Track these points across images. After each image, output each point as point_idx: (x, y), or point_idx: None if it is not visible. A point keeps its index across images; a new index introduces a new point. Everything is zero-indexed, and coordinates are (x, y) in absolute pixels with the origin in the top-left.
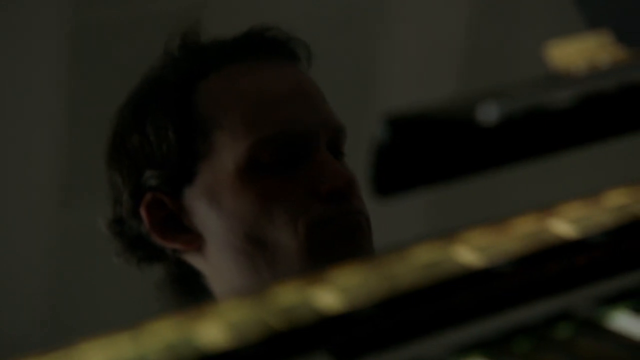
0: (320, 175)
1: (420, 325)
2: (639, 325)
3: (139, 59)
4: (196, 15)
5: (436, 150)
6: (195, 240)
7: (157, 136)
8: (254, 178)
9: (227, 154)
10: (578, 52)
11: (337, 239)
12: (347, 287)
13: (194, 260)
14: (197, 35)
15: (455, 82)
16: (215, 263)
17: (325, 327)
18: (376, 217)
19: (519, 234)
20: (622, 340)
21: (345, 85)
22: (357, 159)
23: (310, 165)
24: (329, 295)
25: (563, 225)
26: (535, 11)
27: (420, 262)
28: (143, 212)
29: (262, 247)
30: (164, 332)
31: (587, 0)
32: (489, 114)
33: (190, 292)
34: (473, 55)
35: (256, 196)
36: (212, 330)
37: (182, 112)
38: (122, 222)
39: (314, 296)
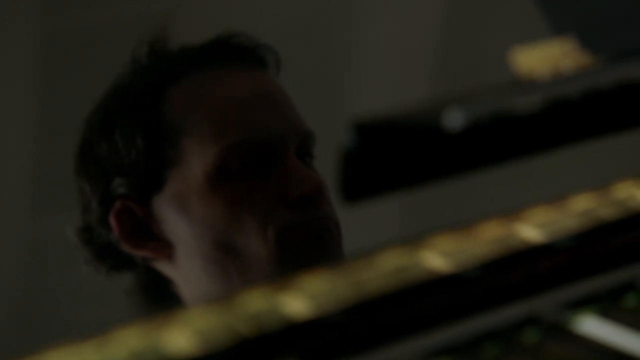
0: (289, 181)
1: (388, 330)
2: (605, 329)
3: (108, 66)
4: (164, 22)
5: (403, 156)
6: (165, 248)
7: (126, 143)
8: (222, 185)
9: (196, 161)
10: (543, 58)
11: (306, 244)
12: (315, 293)
13: (164, 267)
14: (164, 42)
15: (424, 88)
16: (185, 270)
17: (294, 333)
18: (344, 222)
19: (486, 239)
20: (588, 344)
21: (314, 90)
22: (327, 164)
23: (279, 171)
24: (297, 302)
25: (529, 230)
26: (501, 17)
27: (388, 267)
28: (112, 220)
29: (232, 253)
30: (130, 339)
31: (551, 6)
32: (454, 120)
33: (161, 300)
34: (442, 62)
35: (225, 203)
36: (179, 338)
37: (150, 120)
38: (91, 230)
39: (282, 302)
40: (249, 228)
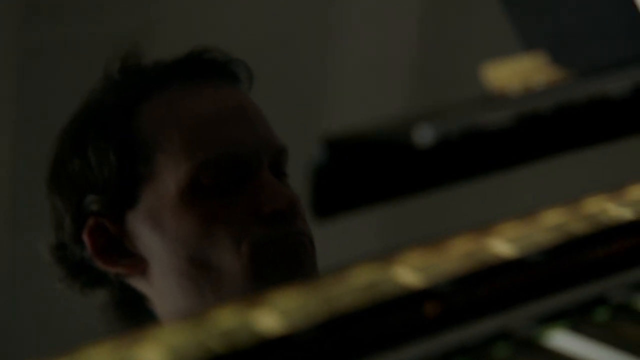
0: (262, 196)
1: (361, 346)
2: (576, 344)
3: (81, 82)
4: (136, 38)
5: (374, 171)
6: (139, 264)
7: (98, 160)
8: (196, 201)
9: (169, 177)
10: (514, 73)
11: (280, 260)
12: (287, 309)
13: (138, 284)
14: (137, 58)
15: (398, 104)
16: (159, 286)
17: (266, 349)
18: (315, 238)
19: (457, 254)
20: (559, 359)
21: (287, 106)
22: (301, 180)
23: (252, 186)
24: (269, 318)
25: (501, 245)
26: (473, 33)
27: (359, 283)
28: (86, 237)
29: (206, 269)
30: (102, 356)
31: (522, 21)
32: (424, 135)
33: (135, 316)
34: (416, 77)
35: (199, 219)
36: (150, 354)
37: (123, 136)
38: (65, 248)
39: (254, 319)
40: (222, 244)
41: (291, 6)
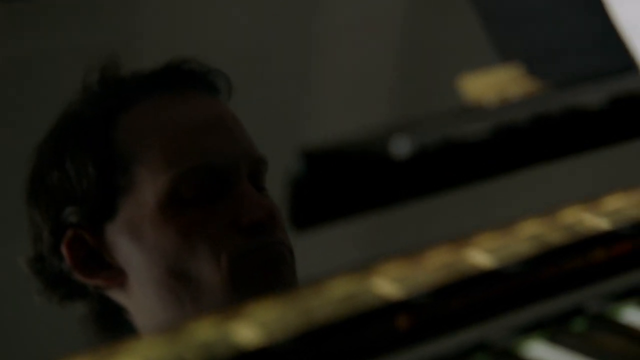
0: (241, 207)
1: (339, 358)
2: (554, 354)
3: (60, 93)
4: (115, 49)
5: (352, 183)
6: (118, 276)
7: (77, 172)
8: (175, 212)
9: (148, 188)
10: (490, 85)
11: (260, 271)
12: (265, 321)
13: (117, 296)
14: (116, 69)
15: (377, 116)
16: (139, 298)
17: None
18: (294, 250)
19: (435, 265)
20: None
21: (267, 116)
22: (280, 191)
23: (231, 197)
24: (247, 330)
25: (479, 256)
26: (450, 44)
27: (338, 294)
28: (64, 250)
29: (185, 281)
30: None
31: (498, 33)
32: (401, 147)
33: (114, 329)
34: (394, 89)
35: (177, 230)
36: None
37: (102, 147)
38: (43, 260)
39: (232, 331)
40: (201, 255)
41: (272, 18)
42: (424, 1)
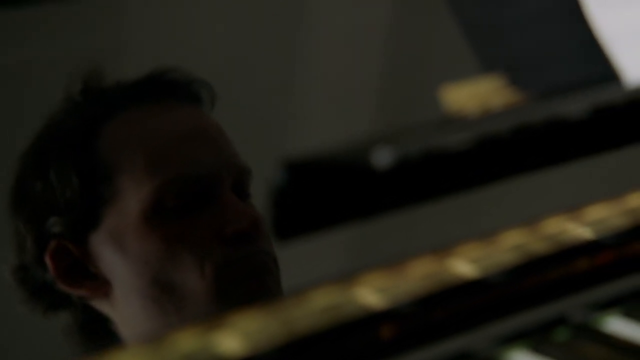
0: (225, 216)
1: None
2: None
3: (42, 103)
4: (97, 59)
5: (334, 194)
6: (102, 287)
7: (60, 182)
8: (158, 222)
9: (131, 198)
10: (472, 95)
11: (244, 280)
12: (248, 331)
13: (102, 306)
14: (98, 79)
15: (360, 125)
16: (123, 308)
17: None
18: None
19: (419, 275)
20: None
21: (251, 126)
22: (264, 200)
23: (215, 207)
24: (230, 340)
25: (462, 266)
26: (434, 55)
27: (321, 305)
28: (48, 260)
29: (170, 291)
30: None
31: (480, 44)
32: (382, 158)
33: (99, 339)
34: (377, 99)
35: (161, 240)
36: None
37: (85, 157)
38: (27, 270)
39: (215, 341)
40: (185, 265)
41: (255, 28)
42: (406, 11)
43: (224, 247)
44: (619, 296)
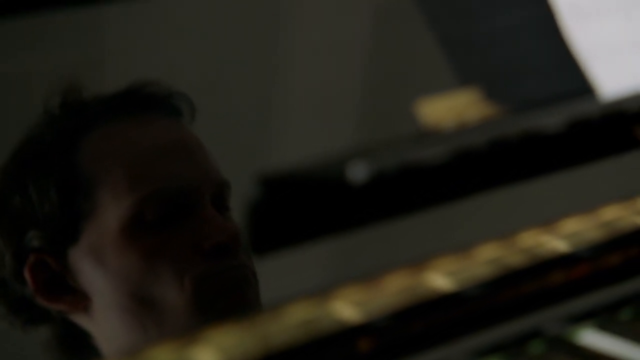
0: (205, 230)
1: None
2: None
3: (22, 117)
4: (76, 72)
5: (310, 208)
6: (82, 301)
7: (39, 196)
8: (138, 235)
9: (111, 212)
10: (448, 109)
11: (223, 293)
12: (224, 346)
13: (81, 320)
14: (77, 93)
15: (339, 139)
16: (103, 323)
17: None
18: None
19: (395, 289)
20: None
21: (230, 139)
22: (242, 215)
23: (194, 221)
24: (207, 355)
25: (438, 279)
26: (406, 69)
27: (298, 319)
28: (27, 274)
29: (149, 305)
30: None
31: (456, 57)
32: (357, 173)
33: (79, 353)
34: (355, 114)
35: (141, 254)
36: None
37: (64, 171)
38: (6, 284)
39: (193, 356)
40: (165, 279)
41: (235, 41)
42: (382, 26)
43: (203, 260)
44: (594, 309)
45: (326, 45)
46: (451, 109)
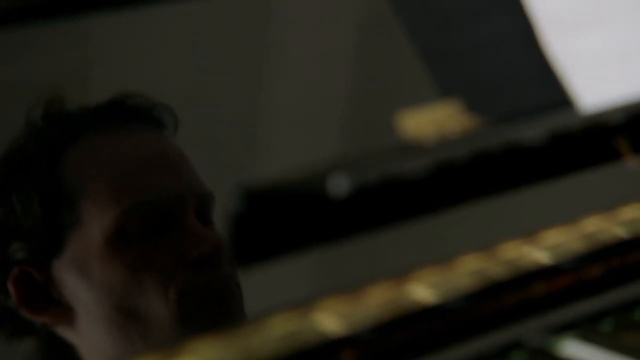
0: (188, 242)
1: None
2: None
3: (5, 128)
4: (59, 83)
5: (293, 221)
6: (66, 313)
7: (23, 208)
8: (122, 247)
9: (95, 224)
10: (429, 121)
11: (208, 305)
12: (209, 357)
13: (66, 333)
14: (60, 104)
15: (322, 152)
16: (87, 335)
17: None
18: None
19: (377, 301)
20: None
21: (213, 151)
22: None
23: (178, 232)
24: None
25: (421, 291)
26: (388, 81)
27: (281, 331)
28: (11, 286)
29: (134, 317)
30: None
31: (436, 69)
32: (340, 185)
33: None
34: (337, 127)
35: (125, 266)
36: None
37: (47, 183)
38: None
39: None
40: (149, 290)
41: (218, 54)
42: (362, 38)
43: (187, 272)
44: (575, 320)
45: (308, 58)
46: (432, 121)
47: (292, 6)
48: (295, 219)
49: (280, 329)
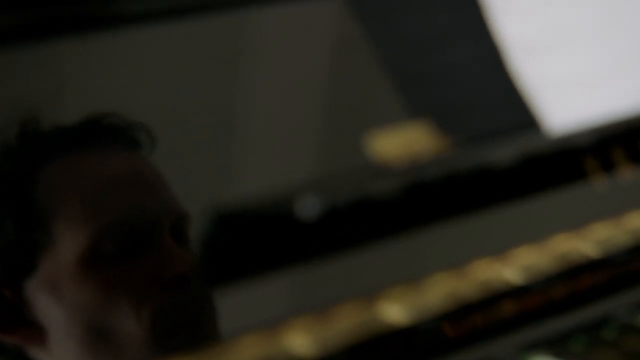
0: (163, 261)
1: None
2: None
3: None
4: (33, 104)
5: (264, 242)
6: (38, 334)
7: None
8: (95, 268)
9: (68, 245)
10: (399, 142)
11: (181, 325)
12: None
13: (38, 353)
14: (35, 124)
15: (290, 173)
16: (59, 356)
17: None
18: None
19: (348, 321)
20: None
21: (188, 171)
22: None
23: (153, 252)
24: None
25: (392, 311)
26: (357, 102)
27: (251, 353)
28: None
29: (107, 337)
30: None
31: (407, 90)
32: (310, 207)
33: None
34: (309, 147)
35: (98, 286)
36: None
37: (21, 203)
38: None
39: None
40: (123, 310)
41: (192, 76)
42: (332, 61)
43: (161, 292)
44: (547, 338)
45: (280, 81)
46: (402, 143)
47: (265, 29)
48: (267, 240)
49: (252, 349)
